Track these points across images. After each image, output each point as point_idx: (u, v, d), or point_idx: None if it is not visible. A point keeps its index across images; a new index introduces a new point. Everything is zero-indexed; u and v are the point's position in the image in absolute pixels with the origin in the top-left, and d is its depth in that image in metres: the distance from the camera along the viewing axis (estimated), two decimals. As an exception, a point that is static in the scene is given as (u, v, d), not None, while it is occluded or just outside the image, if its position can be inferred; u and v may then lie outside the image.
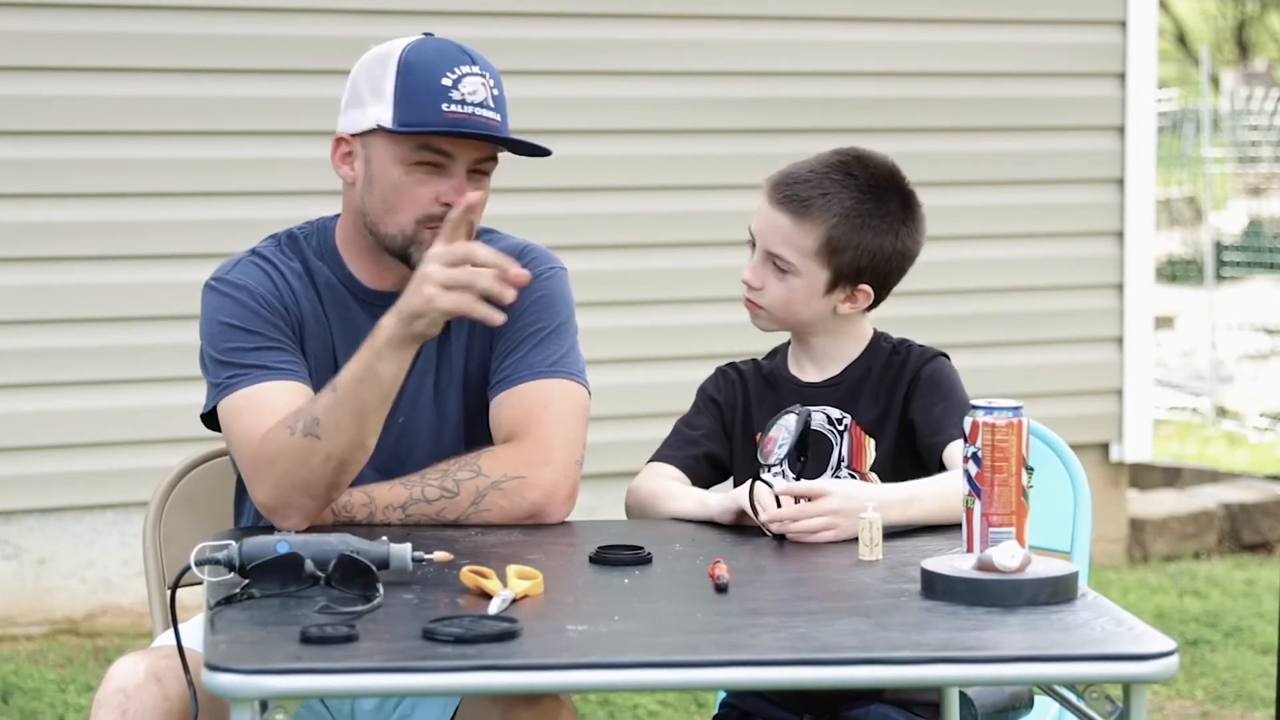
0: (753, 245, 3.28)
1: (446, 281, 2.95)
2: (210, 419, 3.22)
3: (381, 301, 3.22)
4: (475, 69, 3.14)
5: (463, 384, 3.25)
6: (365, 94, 3.15)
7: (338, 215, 3.29)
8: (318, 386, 3.16)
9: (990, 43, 7.02)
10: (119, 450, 6.06)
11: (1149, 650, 2.48)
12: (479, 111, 3.12)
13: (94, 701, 2.87)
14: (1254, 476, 8.24)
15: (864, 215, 3.22)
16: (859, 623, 2.62)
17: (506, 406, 3.19)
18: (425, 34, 3.23)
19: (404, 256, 3.18)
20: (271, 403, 3.11)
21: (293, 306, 3.20)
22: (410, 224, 3.15)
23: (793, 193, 3.23)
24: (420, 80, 3.11)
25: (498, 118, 3.15)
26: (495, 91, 3.16)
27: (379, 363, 3.02)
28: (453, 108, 3.10)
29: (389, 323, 3.01)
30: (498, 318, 2.98)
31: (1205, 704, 5.56)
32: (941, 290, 6.84)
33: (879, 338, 3.34)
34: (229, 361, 3.15)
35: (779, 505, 3.03)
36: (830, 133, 3.45)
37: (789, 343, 3.38)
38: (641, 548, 2.94)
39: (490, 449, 3.17)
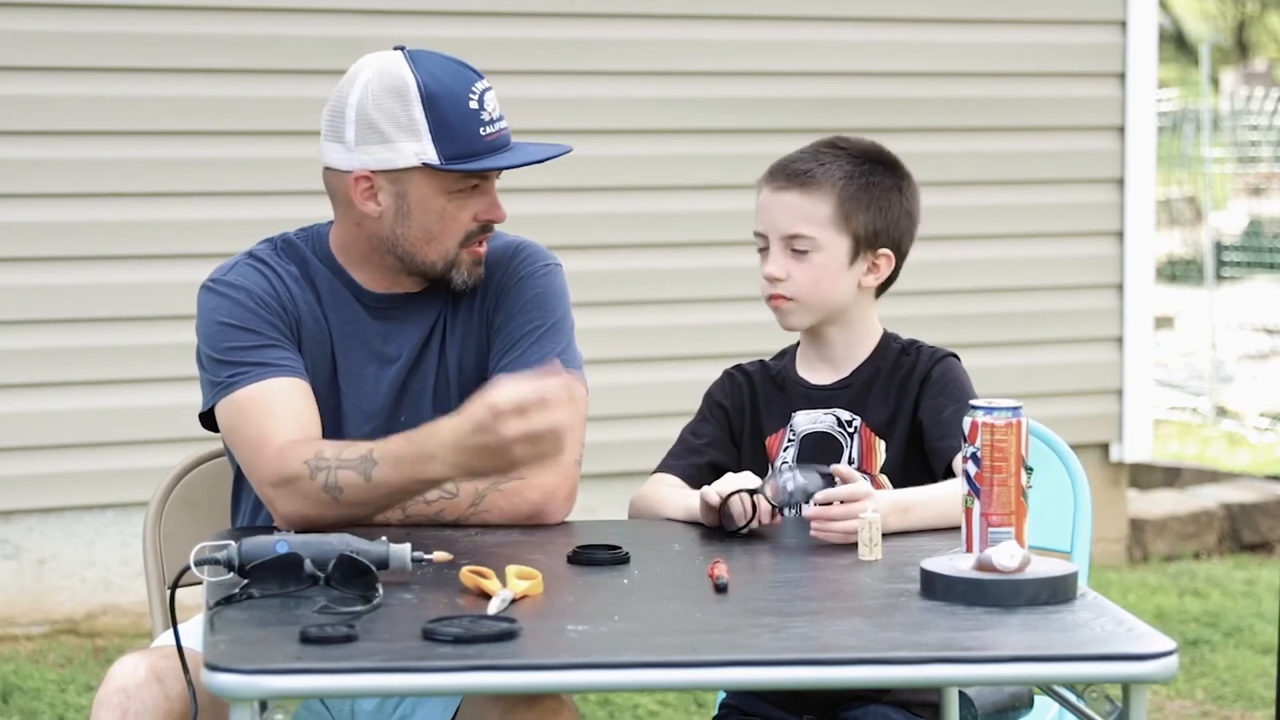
0: (763, 249, 3.27)
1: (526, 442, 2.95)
2: (208, 420, 3.22)
3: (387, 305, 3.24)
4: (483, 81, 3.19)
5: (459, 382, 3.25)
6: (389, 131, 3.13)
7: (330, 223, 3.29)
8: (314, 387, 3.16)
9: (990, 43, 7.02)
10: (119, 450, 6.06)
11: (1149, 650, 2.48)
12: (502, 126, 3.19)
13: (95, 701, 2.87)
14: (1254, 476, 8.24)
15: (865, 175, 3.25)
16: (859, 623, 2.62)
17: None
18: (397, 47, 3.21)
19: (442, 279, 3.21)
20: (276, 401, 3.12)
21: (290, 307, 3.21)
22: (454, 249, 3.19)
23: (793, 170, 3.25)
24: (451, 110, 3.13)
25: (508, 125, 3.20)
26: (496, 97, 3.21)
27: (424, 485, 3.05)
28: (486, 130, 3.16)
29: (452, 473, 3.00)
30: None
31: (1205, 704, 5.56)
32: (941, 290, 6.84)
33: (889, 338, 3.33)
34: (228, 360, 3.15)
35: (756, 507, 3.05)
36: (830, 133, 3.44)
37: (798, 343, 3.38)
38: (619, 547, 2.93)
39: None
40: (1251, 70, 23.65)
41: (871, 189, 3.25)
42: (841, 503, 2.98)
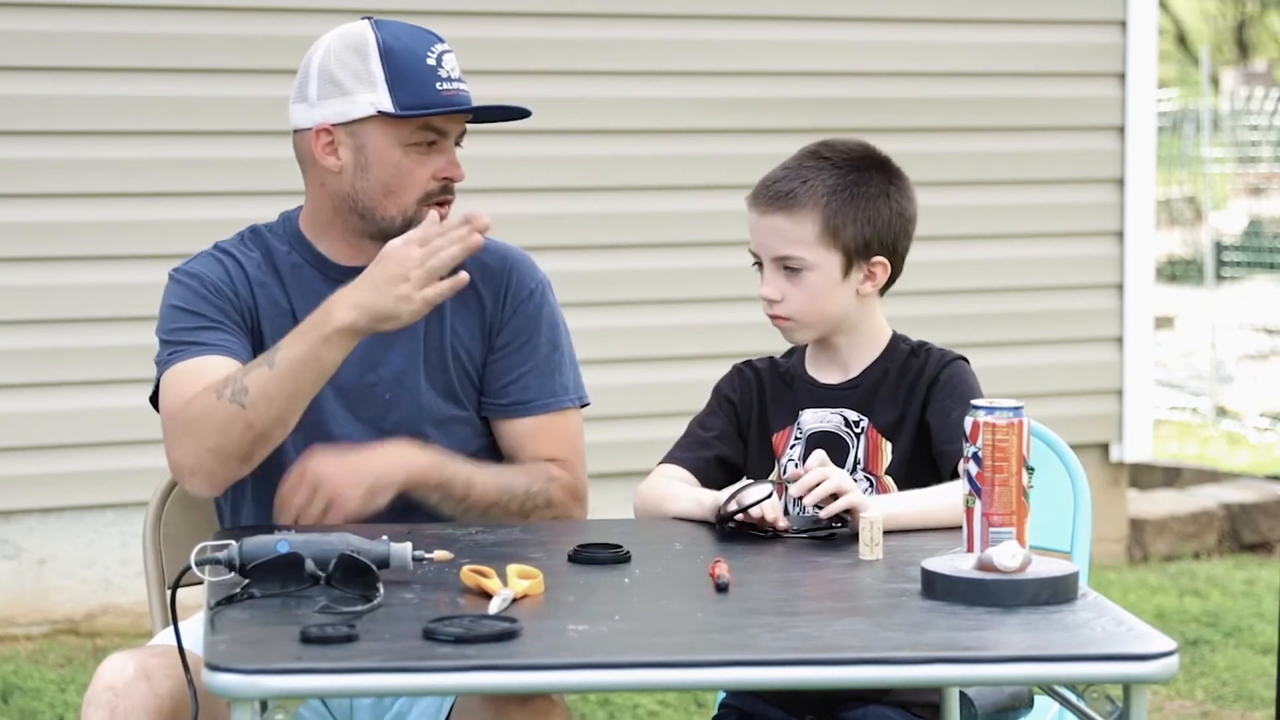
0: (759, 266, 3.28)
1: (421, 279, 3.03)
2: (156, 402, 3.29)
3: (352, 277, 3.25)
4: (445, 45, 3.26)
5: (438, 351, 3.30)
6: (348, 83, 3.22)
7: (299, 207, 3.36)
8: None
9: (990, 43, 7.02)
10: (119, 450, 6.05)
11: (1149, 650, 2.48)
12: (461, 86, 3.24)
13: (84, 699, 2.88)
14: (1254, 476, 8.24)
15: (850, 186, 3.22)
16: (859, 623, 2.62)
17: (541, 436, 3.31)
18: (365, 17, 3.30)
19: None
20: (200, 374, 3.17)
21: (245, 293, 3.27)
22: (412, 204, 3.24)
23: (775, 191, 3.24)
24: (408, 63, 3.20)
25: (469, 88, 3.25)
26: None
27: (326, 350, 3.07)
28: (443, 85, 3.21)
29: (347, 316, 3.04)
30: (464, 279, 3.06)
31: (1205, 704, 5.56)
32: (941, 290, 6.84)
33: (898, 339, 3.32)
34: (171, 340, 3.25)
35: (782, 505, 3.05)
36: (830, 133, 3.44)
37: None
38: (620, 546, 2.94)
39: (555, 478, 3.27)
40: (1251, 70, 23.65)
41: (857, 200, 3.22)
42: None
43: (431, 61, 3.20)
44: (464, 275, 3.06)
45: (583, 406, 3.36)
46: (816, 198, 3.21)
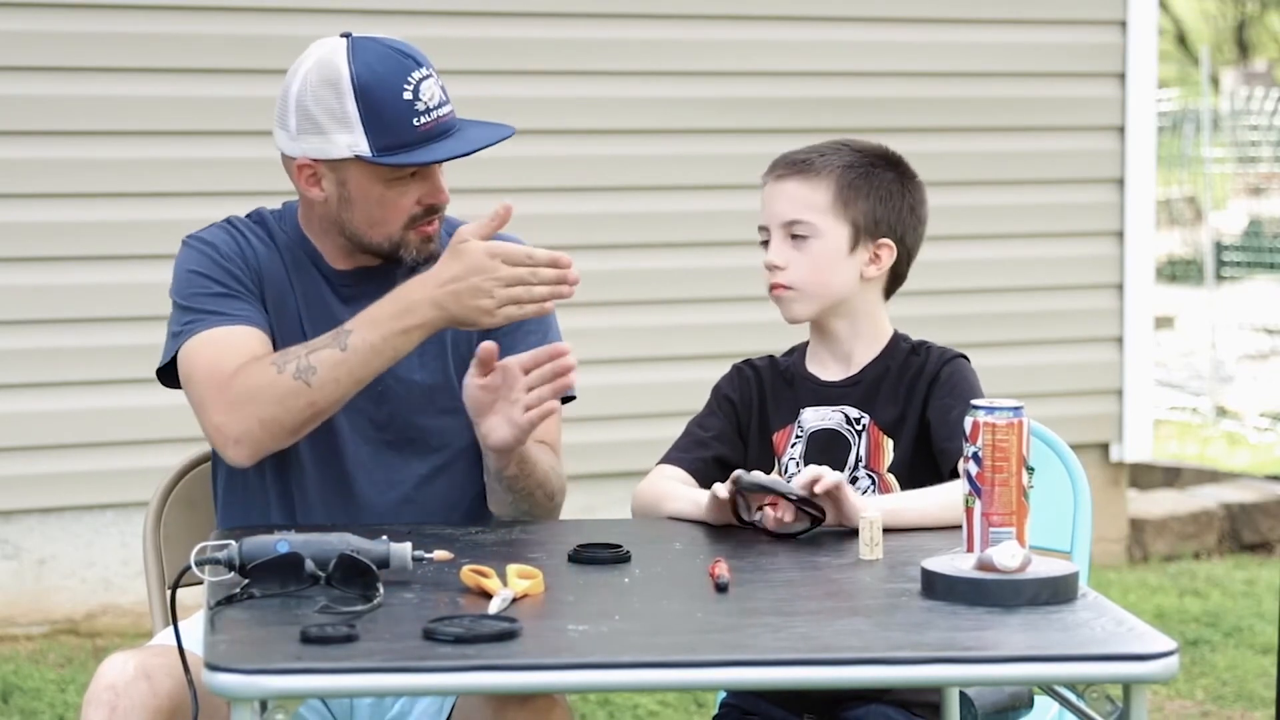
0: (765, 243, 3.28)
1: (504, 300, 3.04)
2: (165, 377, 3.27)
3: (348, 281, 3.29)
4: (422, 70, 3.21)
5: (438, 351, 3.29)
6: (324, 122, 3.19)
7: (298, 201, 3.35)
8: (281, 343, 3.20)
9: (990, 43, 7.02)
10: (119, 450, 6.06)
11: (1149, 650, 2.48)
12: (441, 113, 3.20)
13: (84, 699, 2.88)
14: (1254, 476, 8.24)
15: (866, 168, 3.27)
16: (859, 623, 2.62)
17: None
18: (343, 34, 3.26)
19: (392, 258, 3.25)
20: (234, 343, 3.16)
21: (253, 262, 3.28)
22: (398, 230, 3.23)
23: (794, 159, 3.29)
24: (383, 101, 3.16)
25: (453, 110, 3.23)
26: (440, 83, 3.22)
27: (404, 342, 3.09)
28: (421, 120, 3.17)
29: (429, 314, 3.06)
30: (549, 308, 3.10)
31: (1205, 704, 5.56)
32: (942, 290, 6.84)
33: (898, 338, 3.33)
34: (192, 307, 3.22)
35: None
36: (830, 133, 3.45)
37: (808, 341, 3.38)
38: (620, 546, 2.94)
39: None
40: (1251, 70, 23.65)
41: (871, 178, 3.27)
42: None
43: (408, 95, 3.16)
44: (550, 304, 3.08)
45: (566, 400, 3.28)
46: (833, 168, 3.26)
